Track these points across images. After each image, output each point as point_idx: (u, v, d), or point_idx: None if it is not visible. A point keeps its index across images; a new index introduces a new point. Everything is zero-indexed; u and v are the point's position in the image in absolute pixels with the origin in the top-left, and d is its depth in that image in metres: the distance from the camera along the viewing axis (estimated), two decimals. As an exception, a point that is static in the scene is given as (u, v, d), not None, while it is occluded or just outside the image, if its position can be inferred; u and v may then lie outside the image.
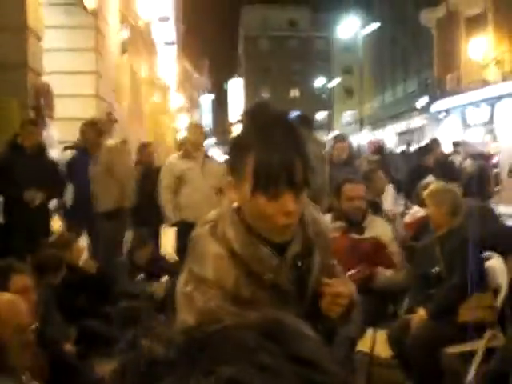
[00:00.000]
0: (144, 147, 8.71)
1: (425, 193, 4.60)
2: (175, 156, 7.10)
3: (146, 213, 7.63)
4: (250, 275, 1.75)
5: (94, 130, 7.20)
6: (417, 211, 5.99)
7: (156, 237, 7.93)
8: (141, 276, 6.15)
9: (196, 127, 7.33)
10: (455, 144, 10.33)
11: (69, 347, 4.35)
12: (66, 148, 7.64)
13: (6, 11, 7.96)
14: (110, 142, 7.28)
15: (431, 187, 4.61)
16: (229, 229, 1.75)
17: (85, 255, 6.29)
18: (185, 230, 6.45)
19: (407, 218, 6.24)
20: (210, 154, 7.60)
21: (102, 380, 3.83)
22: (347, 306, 1.82)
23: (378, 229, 4.69)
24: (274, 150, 1.63)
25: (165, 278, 6.07)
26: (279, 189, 1.64)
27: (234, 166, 1.74)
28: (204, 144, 7.27)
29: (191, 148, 6.82)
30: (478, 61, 23.56)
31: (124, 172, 7.16)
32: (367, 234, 4.63)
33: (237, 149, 1.74)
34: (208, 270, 1.72)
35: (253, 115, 1.79)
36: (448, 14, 26.61)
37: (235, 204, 1.77)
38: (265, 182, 1.63)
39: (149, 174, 7.94)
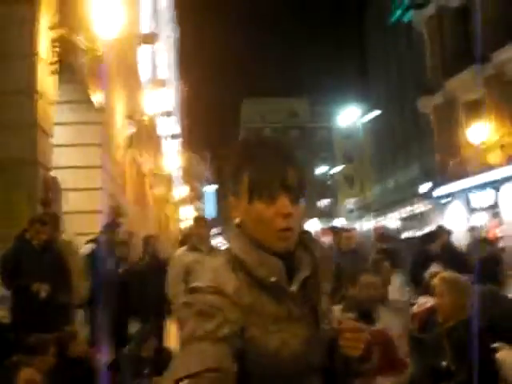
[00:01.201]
0: (149, 239, 8.76)
1: (436, 282, 4.56)
2: (183, 249, 7.15)
3: (152, 304, 7.61)
4: (254, 280, 1.73)
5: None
6: (425, 302, 5.90)
7: (161, 329, 7.87)
8: (146, 370, 6.09)
9: (200, 220, 7.48)
10: (448, 232, 10.23)
11: None
12: (87, 242, 7.79)
13: (17, 110, 8.20)
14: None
15: (442, 276, 4.57)
16: (232, 242, 1.82)
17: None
18: None
19: (415, 308, 6.15)
20: (215, 244, 7.64)
21: None
22: (367, 343, 1.79)
23: (387, 321, 4.66)
24: (266, 160, 1.75)
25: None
26: (274, 192, 1.72)
27: (231, 186, 1.83)
28: (210, 236, 7.33)
29: (196, 241, 6.89)
30: (479, 145, 23.89)
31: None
32: (377, 326, 4.59)
33: (232, 169, 1.83)
34: (206, 279, 1.72)
35: (244, 140, 1.94)
36: (445, 101, 27.17)
37: (237, 221, 1.84)
38: (259, 188, 1.72)
39: (154, 266, 7.96)
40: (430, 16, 28.71)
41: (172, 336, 8.29)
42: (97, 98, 12.19)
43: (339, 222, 56.20)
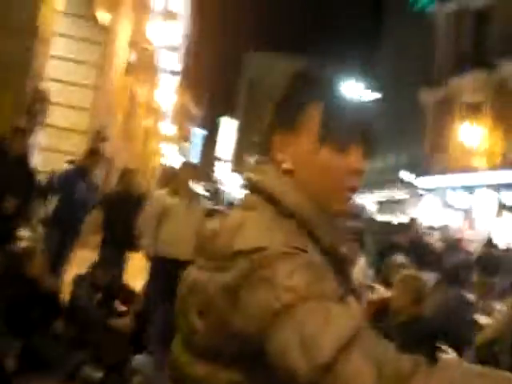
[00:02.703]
0: (127, 173, 8.67)
1: (396, 277, 4.55)
2: (163, 191, 7.03)
3: (119, 238, 7.61)
4: (317, 244, 1.30)
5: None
6: (382, 290, 5.89)
7: (123, 261, 7.91)
8: (99, 296, 6.11)
9: (188, 165, 7.29)
10: (429, 227, 10.43)
11: (9, 361, 4.26)
12: (67, 162, 7.75)
13: (20, 14, 8.01)
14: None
15: (403, 273, 4.57)
16: (286, 192, 1.32)
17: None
18: (159, 266, 6.42)
19: (371, 296, 6.11)
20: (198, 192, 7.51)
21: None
22: None
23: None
24: (346, 98, 1.37)
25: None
26: (352, 141, 1.34)
27: (287, 118, 1.36)
28: (193, 183, 7.22)
29: (180, 185, 6.74)
30: (467, 147, 23.96)
31: None
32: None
33: (295, 98, 1.37)
34: (276, 241, 1.17)
35: (313, 68, 1.44)
36: (446, 97, 27.13)
37: (285, 166, 1.36)
38: (338, 130, 1.32)
39: (126, 200, 7.92)
40: (452, 11, 28.49)
41: (132, 269, 8.31)
42: (103, 16, 11.95)
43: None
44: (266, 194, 1.32)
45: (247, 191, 1.39)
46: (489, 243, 12.97)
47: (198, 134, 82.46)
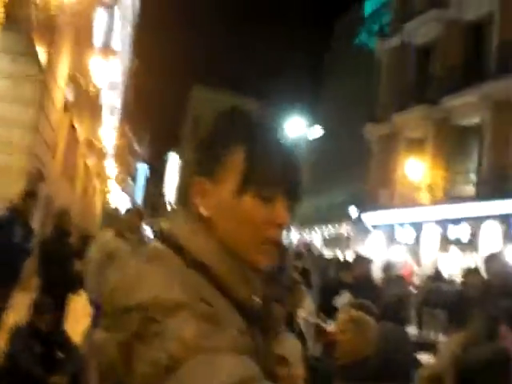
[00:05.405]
0: (62, 214, 8.38)
1: (342, 318, 4.39)
2: (109, 233, 6.87)
3: (55, 282, 7.33)
4: (229, 296, 1.20)
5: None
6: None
7: (62, 306, 7.61)
8: (38, 348, 5.81)
9: (134, 209, 7.27)
10: (366, 262, 10.40)
11: None
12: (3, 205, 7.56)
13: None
14: None
15: (350, 315, 4.41)
16: (194, 240, 1.21)
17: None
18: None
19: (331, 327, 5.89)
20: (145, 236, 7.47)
21: None
22: None
23: (287, 346, 4.46)
24: (272, 145, 1.26)
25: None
26: (276, 191, 1.23)
27: (208, 162, 1.26)
28: (141, 226, 7.19)
29: (126, 229, 6.67)
30: (411, 182, 24.33)
31: None
32: (276, 351, 4.38)
33: (216, 142, 1.27)
34: (173, 292, 1.06)
35: (238, 111, 1.31)
36: (390, 132, 27.57)
37: (203, 212, 1.24)
38: (260, 179, 1.21)
39: (62, 242, 7.65)
40: (393, 48, 29.09)
41: (74, 314, 8.05)
42: (42, 53, 11.69)
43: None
44: (172, 242, 1.21)
45: (155, 240, 1.26)
46: (436, 277, 13.02)
47: (142, 169, 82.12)
